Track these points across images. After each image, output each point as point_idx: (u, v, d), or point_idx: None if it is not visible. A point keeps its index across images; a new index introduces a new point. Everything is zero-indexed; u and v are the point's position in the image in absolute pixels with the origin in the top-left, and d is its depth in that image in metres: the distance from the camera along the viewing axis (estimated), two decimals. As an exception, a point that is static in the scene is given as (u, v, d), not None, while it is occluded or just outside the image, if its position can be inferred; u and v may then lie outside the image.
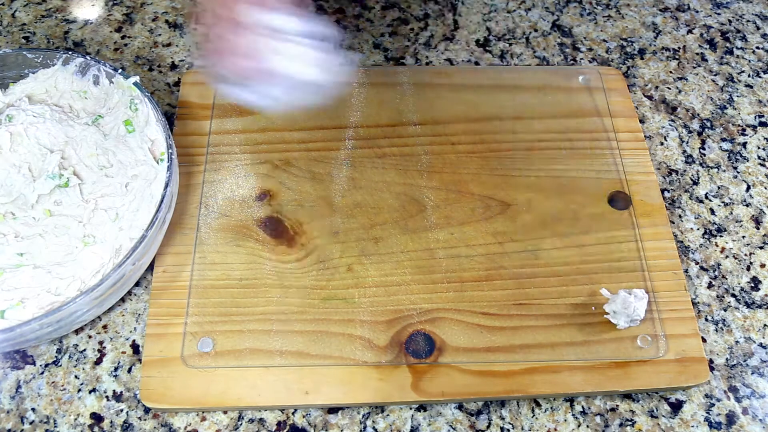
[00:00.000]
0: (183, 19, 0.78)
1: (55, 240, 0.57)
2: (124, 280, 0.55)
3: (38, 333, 0.52)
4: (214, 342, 0.57)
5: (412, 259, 0.62)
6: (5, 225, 0.58)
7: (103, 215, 0.59)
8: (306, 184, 0.66)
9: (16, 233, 0.58)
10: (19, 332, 0.50)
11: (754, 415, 0.58)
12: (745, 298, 0.63)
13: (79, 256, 0.57)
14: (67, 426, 0.55)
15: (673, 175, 0.71)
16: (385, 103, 0.71)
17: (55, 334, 0.54)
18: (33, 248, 0.57)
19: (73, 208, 0.59)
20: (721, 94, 0.77)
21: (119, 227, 0.58)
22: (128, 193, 0.60)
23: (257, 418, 0.56)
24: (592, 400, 0.58)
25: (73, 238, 0.58)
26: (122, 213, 0.59)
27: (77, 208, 0.59)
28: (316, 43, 0.50)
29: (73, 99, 0.65)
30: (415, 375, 0.56)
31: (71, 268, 0.56)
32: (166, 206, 0.56)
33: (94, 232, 0.58)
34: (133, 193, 0.60)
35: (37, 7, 0.79)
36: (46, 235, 0.58)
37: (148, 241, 0.54)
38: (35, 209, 0.59)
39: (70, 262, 0.56)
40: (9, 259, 0.56)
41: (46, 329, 0.52)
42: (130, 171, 0.61)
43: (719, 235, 0.67)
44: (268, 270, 0.61)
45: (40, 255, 0.57)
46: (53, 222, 0.58)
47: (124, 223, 0.58)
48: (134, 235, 0.57)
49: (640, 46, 0.80)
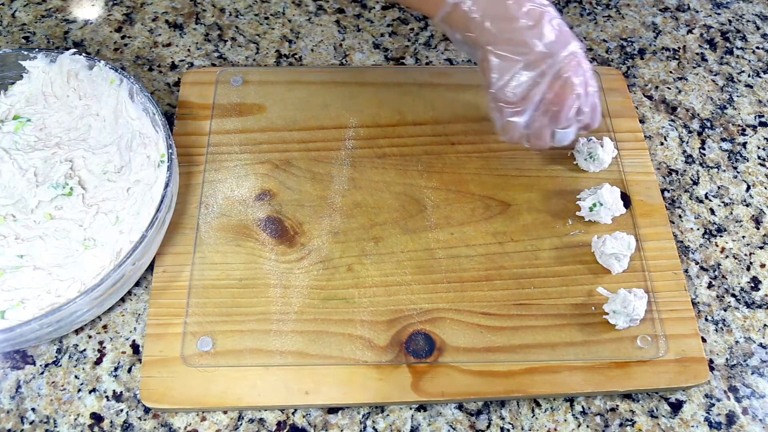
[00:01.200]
0: (183, 19, 0.78)
1: (56, 243, 0.58)
2: (124, 280, 0.55)
3: (38, 333, 0.52)
4: (213, 341, 0.57)
5: (412, 259, 0.62)
6: (6, 227, 0.58)
7: (103, 219, 0.59)
8: (306, 184, 0.66)
9: (16, 235, 0.58)
10: (19, 332, 0.50)
11: (754, 415, 0.58)
12: (745, 298, 0.63)
13: (80, 259, 0.57)
14: (67, 426, 0.55)
15: (673, 175, 0.71)
16: (385, 103, 0.71)
17: (56, 334, 0.54)
18: (33, 250, 0.57)
19: (74, 213, 0.59)
20: (721, 94, 0.77)
21: (119, 230, 0.58)
22: (129, 197, 0.60)
23: (257, 418, 0.56)
24: (592, 400, 0.58)
25: (74, 241, 0.58)
26: (123, 216, 0.59)
27: (78, 213, 0.59)
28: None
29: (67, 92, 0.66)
30: (415, 375, 0.56)
31: (71, 270, 0.56)
32: (166, 207, 0.56)
33: (94, 235, 0.58)
34: (134, 196, 0.60)
35: (37, 7, 0.79)
36: (47, 238, 0.58)
37: (148, 241, 0.54)
38: (36, 213, 0.59)
39: (71, 264, 0.56)
40: (9, 260, 0.57)
41: (46, 329, 0.52)
42: (133, 176, 0.61)
43: (719, 235, 0.67)
44: (268, 270, 0.61)
45: (40, 257, 0.57)
46: (54, 225, 0.58)
47: (125, 226, 0.58)
48: (134, 238, 0.57)
49: (640, 46, 0.80)
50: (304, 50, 0.77)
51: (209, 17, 0.79)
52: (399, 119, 0.70)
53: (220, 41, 0.77)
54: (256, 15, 0.80)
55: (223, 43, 0.77)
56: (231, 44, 0.77)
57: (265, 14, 0.80)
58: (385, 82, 0.73)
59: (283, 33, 0.78)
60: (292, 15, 0.80)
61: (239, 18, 0.79)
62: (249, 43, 0.77)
